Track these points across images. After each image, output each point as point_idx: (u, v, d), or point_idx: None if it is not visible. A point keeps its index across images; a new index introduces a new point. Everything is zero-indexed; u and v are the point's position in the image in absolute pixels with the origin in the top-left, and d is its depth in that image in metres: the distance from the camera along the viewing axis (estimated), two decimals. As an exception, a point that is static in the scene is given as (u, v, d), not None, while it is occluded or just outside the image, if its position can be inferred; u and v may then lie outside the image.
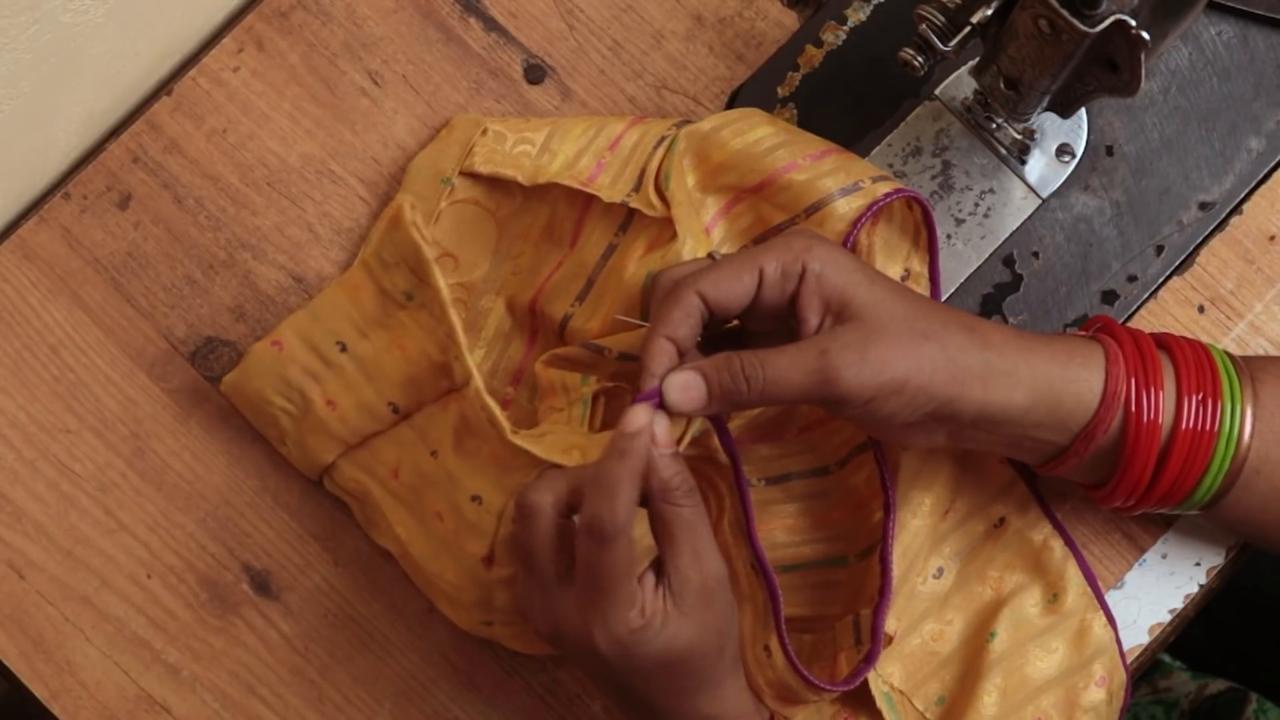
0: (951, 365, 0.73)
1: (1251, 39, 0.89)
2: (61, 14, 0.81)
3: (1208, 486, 0.76)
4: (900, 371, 0.72)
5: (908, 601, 0.83)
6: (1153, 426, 0.75)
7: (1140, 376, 0.75)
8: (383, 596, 0.87)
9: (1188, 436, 0.75)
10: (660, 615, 0.71)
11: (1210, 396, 0.76)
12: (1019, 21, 0.73)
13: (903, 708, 0.84)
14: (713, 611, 0.72)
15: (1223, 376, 0.77)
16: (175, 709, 0.86)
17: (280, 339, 0.85)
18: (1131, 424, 0.75)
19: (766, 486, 0.85)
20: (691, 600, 0.71)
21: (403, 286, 0.84)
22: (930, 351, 0.72)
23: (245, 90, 0.90)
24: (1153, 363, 0.76)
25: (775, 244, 0.73)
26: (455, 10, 0.91)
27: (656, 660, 0.71)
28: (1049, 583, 0.84)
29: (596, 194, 0.83)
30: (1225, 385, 0.76)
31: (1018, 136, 0.87)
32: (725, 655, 0.74)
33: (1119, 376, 0.75)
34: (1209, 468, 0.76)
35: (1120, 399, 0.75)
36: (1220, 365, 0.77)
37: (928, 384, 0.73)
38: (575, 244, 0.85)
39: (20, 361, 0.88)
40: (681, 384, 0.72)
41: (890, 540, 0.81)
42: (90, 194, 0.90)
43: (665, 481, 0.71)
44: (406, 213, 0.84)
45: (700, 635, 0.72)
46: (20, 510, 0.87)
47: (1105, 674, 0.84)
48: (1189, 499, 0.77)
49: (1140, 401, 0.75)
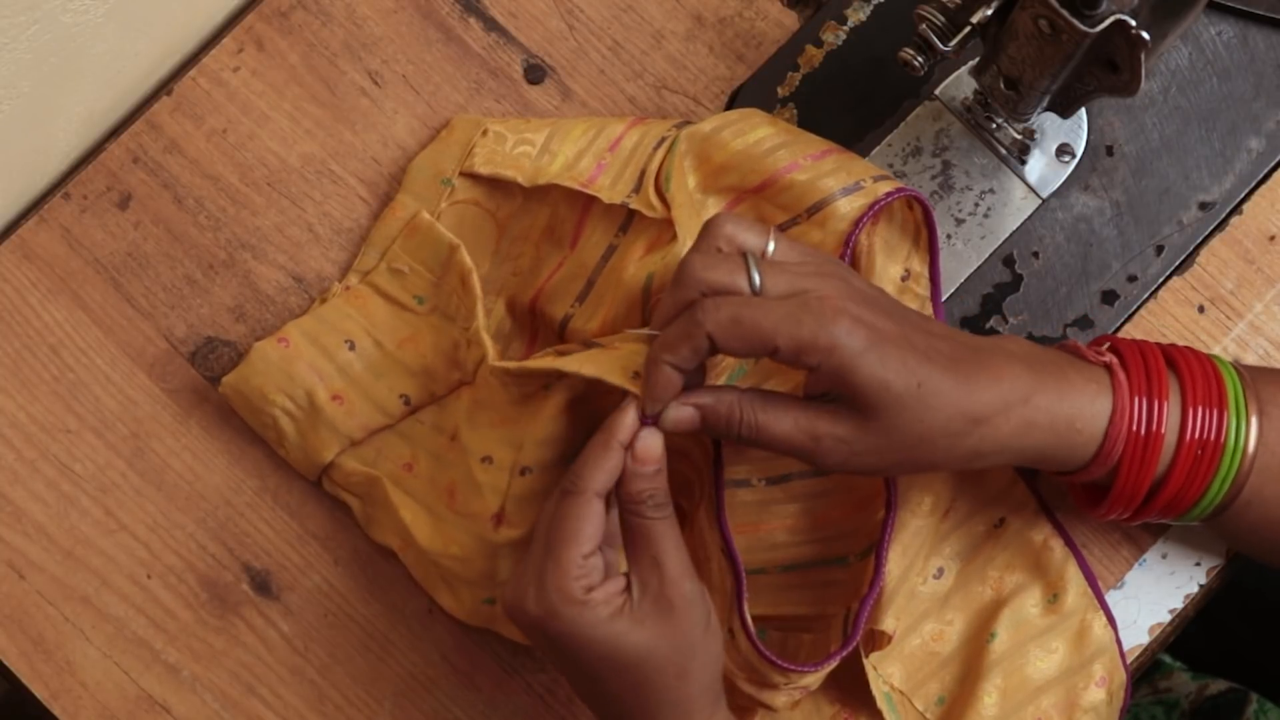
0: (940, 462, 0.74)
1: (1251, 39, 0.89)
2: (61, 14, 0.81)
3: (1211, 498, 0.76)
4: (883, 466, 0.73)
5: (908, 601, 0.83)
6: (1155, 438, 0.75)
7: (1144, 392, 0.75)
8: (383, 596, 0.87)
9: (1192, 448, 0.75)
10: (608, 608, 0.71)
11: (1216, 408, 0.75)
12: (1019, 21, 0.73)
13: (903, 708, 0.84)
14: (671, 625, 0.72)
15: (1229, 387, 0.76)
16: (175, 709, 0.86)
17: (286, 337, 0.85)
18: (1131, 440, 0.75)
19: (767, 486, 0.85)
20: (647, 608, 0.71)
21: (416, 291, 0.85)
22: (919, 452, 0.73)
23: (245, 90, 0.90)
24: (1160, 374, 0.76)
25: (803, 319, 0.70)
26: (455, 10, 0.91)
27: (600, 653, 0.71)
28: (1049, 583, 0.84)
29: (597, 195, 0.84)
30: (1231, 396, 0.76)
31: (1018, 136, 0.87)
32: (691, 681, 0.72)
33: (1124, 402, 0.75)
34: (1213, 480, 0.76)
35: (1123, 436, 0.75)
36: (1225, 376, 0.77)
37: (906, 472, 0.76)
38: (576, 245, 0.85)
39: (20, 361, 0.89)
40: (675, 418, 0.73)
41: (888, 536, 0.81)
42: (90, 194, 0.90)
43: (636, 494, 0.72)
44: (425, 215, 0.86)
45: (654, 646, 0.71)
46: (20, 510, 0.87)
47: (1105, 674, 0.84)
48: (1191, 511, 0.77)
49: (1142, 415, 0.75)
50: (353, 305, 0.87)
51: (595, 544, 0.72)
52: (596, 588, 0.71)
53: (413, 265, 0.86)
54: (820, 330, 0.69)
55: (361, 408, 0.85)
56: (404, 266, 0.86)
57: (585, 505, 0.72)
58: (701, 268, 0.71)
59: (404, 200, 0.88)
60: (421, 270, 0.86)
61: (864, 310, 0.71)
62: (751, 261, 0.71)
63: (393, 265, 0.87)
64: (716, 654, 0.74)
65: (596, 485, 0.72)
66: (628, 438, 0.72)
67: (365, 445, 0.86)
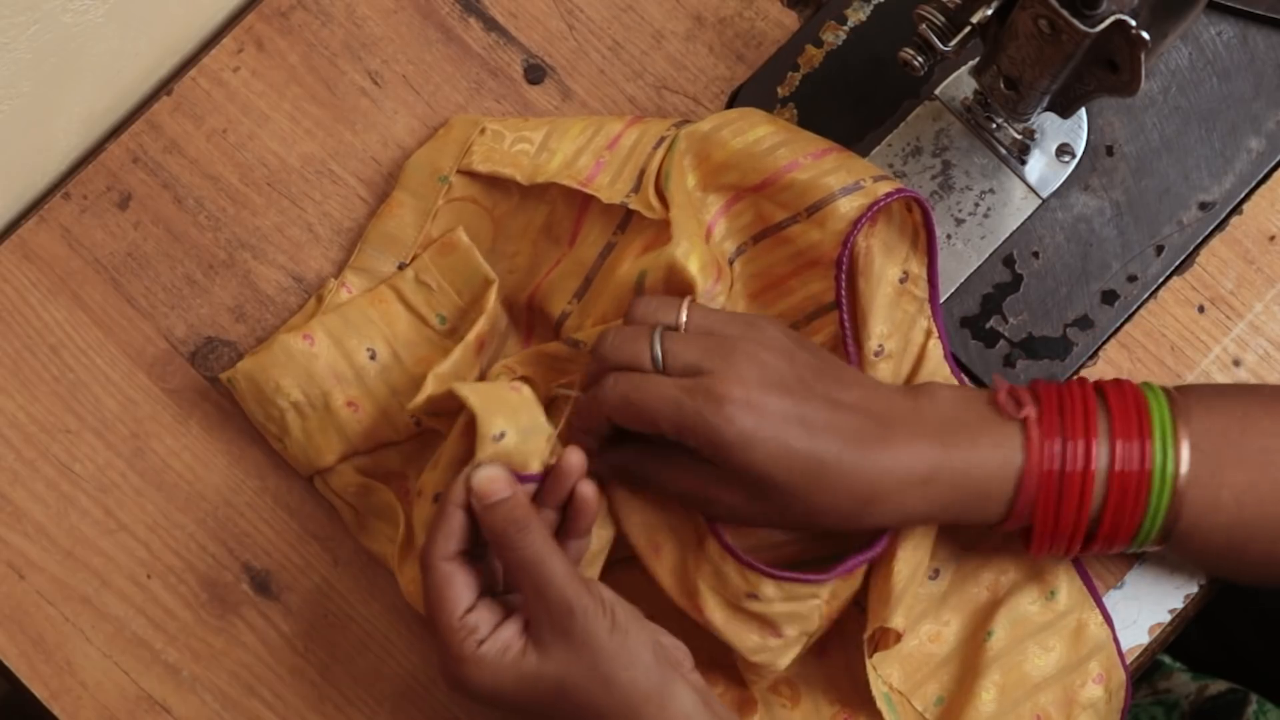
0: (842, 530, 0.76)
1: (1251, 39, 0.89)
2: (61, 14, 0.81)
3: (1148, 529, 0.77)
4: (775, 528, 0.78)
5: (911, 602, 0.83)
6: (1085, 476, 0.75)
7: (1060, 434, 0.76)
8: (383, 596, 0.87)
9: (1118, 480, 0.75)
10: (507, 654, 0.72)
11: (1139, 438, 0.76)
12: (1019, 21, 0.73)
13: (902, 708, 0.84)
14: (574, 644, 0.72)
15: (1152, 413, 0.76)
16: (175, 709, 0.86)
17: (311, 334, 0.85)
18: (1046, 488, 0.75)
19: None
20: (546, 636, 0.72)
21: (439, 309, 0.85)
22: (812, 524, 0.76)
23: (245, 90, 0.90)
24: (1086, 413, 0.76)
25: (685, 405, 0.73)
26: (455, 10, 0.91)
27: (522, 698, 0.72)
28: (1044, 581, 0.84)
29: (595, 194, 0.84)
30: (1155, 421, 0.76)
31: (1018, 136, 0.87)
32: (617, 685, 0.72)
33: (1035, 451, 0.75)
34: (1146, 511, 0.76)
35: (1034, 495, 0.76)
36: (1150, 403, 0.77)
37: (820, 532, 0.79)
38: (574, 242, 0.85)
39: (20, 361, 0.89)
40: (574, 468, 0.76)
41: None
42: (90, 194, 0.90)
43: (493, 528, 0.73)
44: (464, 237, 0.86)
45: (566, 670, 0.72)
46: (20, 510, 0.87)
47: (1102, 671, 0.84)
48: (1132, 542, 0.78)
49: (1059, 460, 0.75)
50: (376, 309, 0.86)
51: (468, 603, 0.73)
52: (486, 639, 0.73)
53: (441, 283, 0.86)
54: (699, 419, 0.73)
55: (375, 420, 0.85)
56: (432, 282, 0.86)
57: (438, 575, 0.73)
58: (612, 343, 0.76)
59: (400, 197, 0.88)
60: (449, 291, 0.86)
61: (756, 393, 0.73)
62: (656, 336, 0.75)
63: (421, 277, 0.86)
64: (637, 647, 0.73)
65: (443, 552, 0.74)
66: (461, 498, 0.74)
67: (367, 458, 0.86)
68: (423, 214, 0.87)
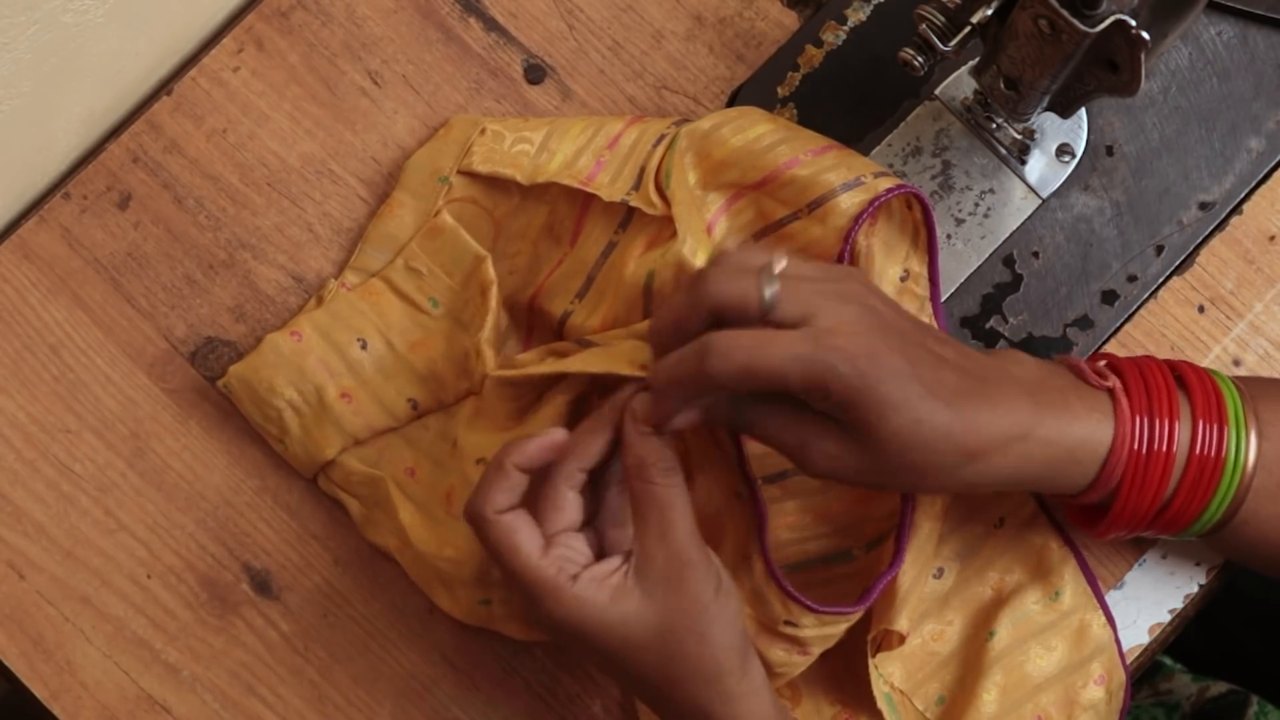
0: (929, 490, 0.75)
1: (1251, 39, 0.89)
2: (61, 14, 0.81)
3: (1210, 516, 0.76)
4: (867, 483, 0.74)
5: (916, 603, 0.83)
6: (1166, 457, 0.75)
7: (1146, 411, 0.75)
8: (383, 596, 0.87)
9: (1195, 466, 0.75)
10: (605, 591, 0.71)
11: (1218, 423, 0.75)
12: (1019, 21, 0.73)
13: (903, 708, 0.84)
14: (682, 592, 0.71)
15: (1228, 401, 0.76)
16: (175, 709, 0.86)
17: (299, 330, 0.85)
18: (1133, 463, 0.75)
19: (764, 485, 0.85)
20: (655, 577, 0.71)
21: (431, 293, 0.85)
22: (907, 480, 0.73)
23: (245, 90, 0.90)
24: (1169, 392, 0.76)
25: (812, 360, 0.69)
26: (455, 10, 0.91)
27: (615, 640, 0.71)
28: (1049, 582, 0.84)
29: (596, 193, 0.84)
30: (1231, 410, 0.76)
31: (1018, 136, 0.87)
32: (713, 643, 0.72)
33: (1125, 427, 0.74)
34: (1213, 498, 0.75)
35: (1128, 446, 0.75)
36: (1225, 391, 0.77)
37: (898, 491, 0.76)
38: (575, 242, 0.85)
39: (20, 361, 0.89)
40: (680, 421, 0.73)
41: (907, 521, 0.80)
42: (90, 194, 0.90)
43: (641, 458, 0.71)
44: (448, 219, 0.86)
45: (667, 616, 0.71)
46: (20, 510, 0.87)
47: (1104, 673, 0.84)
48: (1190, 528, 0.77)
49: (1146, 438, 0.74)
50: (367, 301, 0.87)
51: (541, 541, 0.72)
52: (582, 572, 0.71)
53: (431, 267, 0.87)
54: (828, 372, 0.69)
55: (369, 408, 0.85)
56: (422, 267, 0.87)
57: (499, 526, 0.71)
58: (714, 281, 0.71)
59: (400, 198, 0.88)
60: (440, 274, 0.86)
61: (874, 340, 0.70)
62: (765, 277, 0.71)
63: (411, 264, 0.87)
64: (734, 614, 0.73)
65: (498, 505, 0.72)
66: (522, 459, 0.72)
67: (368, 446, 0.86)
68: (423, 214, 0.87)
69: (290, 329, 0.86)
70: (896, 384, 0.70)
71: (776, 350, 0.69)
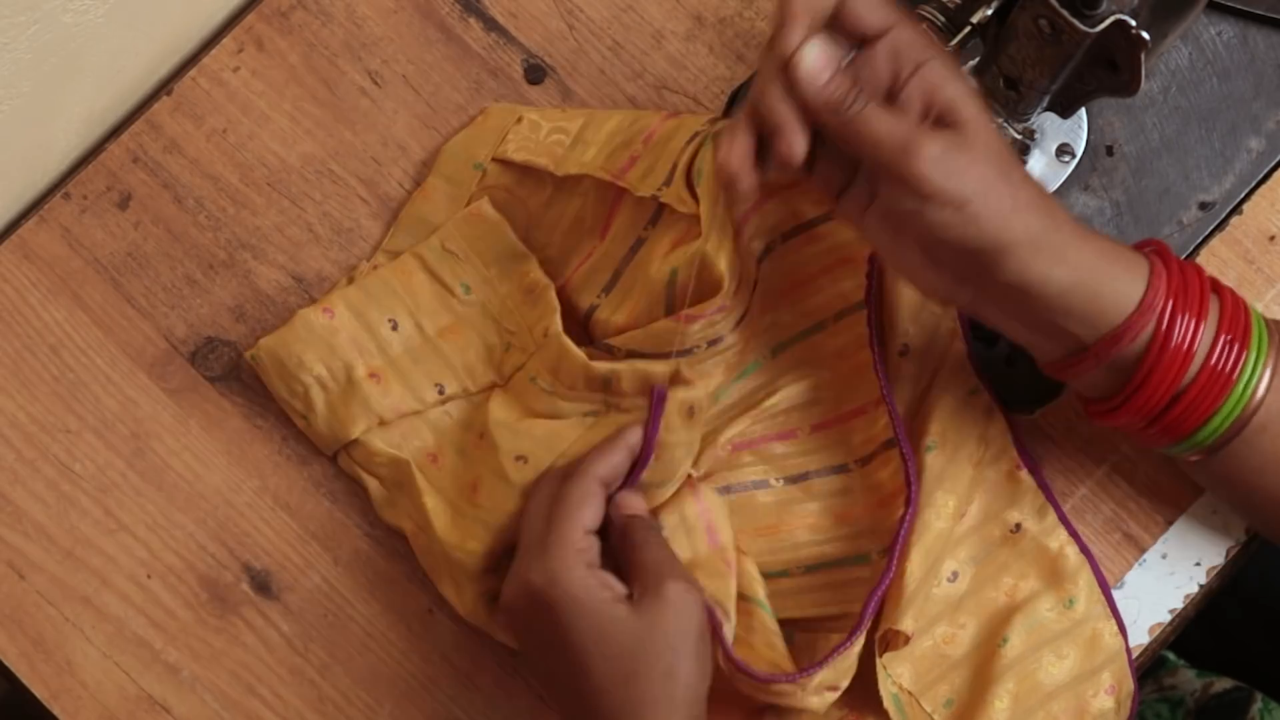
0: (1012, 213, 0.72)
1: (1251, 39, 0.89)
2: (61, 14, 0.81)
3: (1214, 428, 0.76)
4: (969, 189, 0.71)
5: (924, 604, 0.83)
6: (1186, 353, 0.75)
7: (1181, 300, 0.75)
8: (383, 596, 0.87)
9: (1208, 373, 0.75)
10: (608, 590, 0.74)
11: (1239, 342, 0.75)
12: (1019, 21, 0.73)
13: (911, 709, 0.83)
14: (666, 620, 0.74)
15: (1254, 328, 0.76)
16: (175, 709, 0.86)
17: (331, 307, 0.85)
18: (1160, 342, 0.74)
19: (785, 485, 0.85)
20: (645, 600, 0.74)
21: (464, 278, 0.85)
22: (1001, 189, 0.72)
23: (245, 90, 0.90)
24: (1202, 293, 0.76)
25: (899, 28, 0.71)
26: (455, 10, 0.91)
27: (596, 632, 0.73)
28: (1063, 589, 0.84)
29: (628, 187, 0.84)
30: (1255, 336, 0.76)
31: (1018, 136, 0.87)
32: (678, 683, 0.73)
33: (1159, 290, 0.74)
34: (1219, 409, 0.76)
35: (1155, 312, 0.74)
36: (1254, 318, 0.77)
37: (984, 214, 0.72)
38: (605, 235, 0.85)
39: (20, 361, 0.89)
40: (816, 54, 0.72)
41: (903, 534, 0.80)
42: (90, 194, 0.90)
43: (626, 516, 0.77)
44: (491, 209, 0.87)
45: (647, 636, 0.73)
46: (20, 510, 0.87)
47: (1114, 682, 0.84)
48: (1191, 438, 0.77)
49: (1174, 324, 0.74)
50: (399, 280, 0.87)
51: (595, 524, 0.76)
52: (596, 567, 0.75)
53: (467, 252, 0.87)
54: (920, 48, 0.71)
55: (396, 390, 0.85)
56: (458, 250, 0.86)
57: (586, 488, 0.76)
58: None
59: (435, 183, 0.88)
60: (476, 261, 0.86)
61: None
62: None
63: (447, 245, 0.87)
64: (704, 670, 0.75)
65: (601, 475, 0.76)
66: (637, 441, 0.78)
67: (391, 428, 0.86)
68: (457, 200, 0.88)
69: (323, 305, 0.86)
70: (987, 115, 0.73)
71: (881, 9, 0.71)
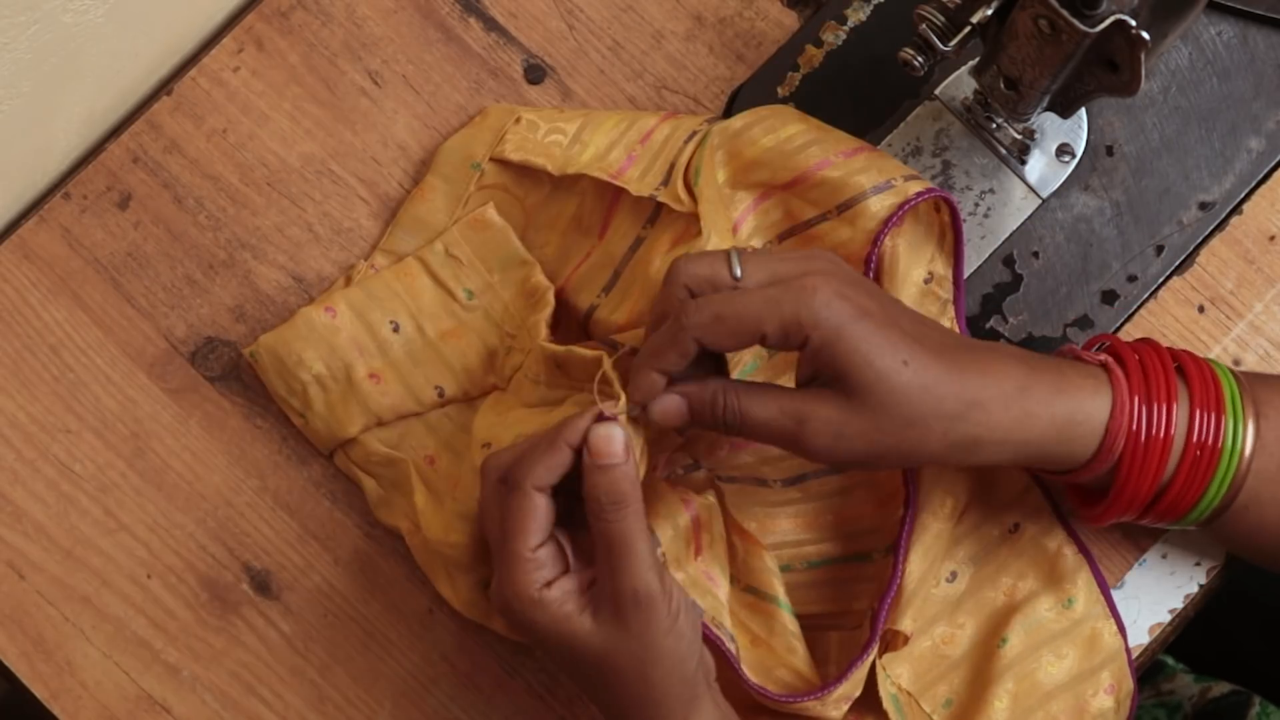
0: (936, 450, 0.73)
1: (1251, 39, 0.89)
2: (61, 14, 0.81)
3: (1209, 502, 0.76)
4: (875, 453, 0.72)
5: (922, 604, 0.83)
6: (1164, 442, 0.75)
7: (1145, 395, 0.75)
8: (383, 596, 0.87)
9: (1193, 451, 0.75)
10: (565, 605, 0.72)
11: (1215, 411, 0.75)
12: (1019, 21, 0.73)
13: (910, 709, 0.83)
14: (626, 629, 0.71)
15: (1225, 389, 0.76)
16: (175, 709, 0.86)
17: (333, 306, 0.86)
18: (1133, 440, 0.75)
19: (783, 487, 0.85)
20: (608, 611, 0.72)
21: (467, 284, 0.86)
22: (912, 437, 0.72)
23: (245, 90, 0.90)
24: (1167, 376, 0.76)
25: (782, 299, 0.71)
26: (455, 10, 0.91)
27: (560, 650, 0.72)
28: (1062, 589, 0.84)
29: (625, 187, 0.84)
30: (1229, 398, 0.76)
31: (1018, 136, 0.87)
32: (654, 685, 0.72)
33: (1124, 405, 0.74)
34: (1210, 483, 0.75)
35: (1124, 433, 0.74)
36: (1222, 379, 0.77)
37: (902, 461, 0.73)
38: (604, 235, 0.86)
39: (20, 361, 0.89)
40: (662, 409, 0.73)
41: (905, 536, 0.81)
42: (90, 194, 0.90)
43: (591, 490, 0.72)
44: (496, 215, 0.86)
45: (610, 648, 0.72)
46: (20, 510, 0.87)
47: (1114, 682, 0.84)
48: (1189, 515, 0.77)
49: (1143, 415, 0.74)
50: (401, 282, 0.87)
51: (542, 537, 0.72)
52: (553, 583, 0.72)
53: (472, 258, 0.87)
54: (801, 307, 0.70)
55: (396, 390, 0.86)
56: (462, 256, 0.87)
57: (525, 499, 0.72)
58: (687, 262, 0.73)
59: (433, 182, 0.88)
60: (480, 267, 0.87)
61: (847, 288, 0.71)
62: (733, 254, 0.73)
63: (451, 251, 0.87)
64: (684, 654, 0.73)
65: (535, 480, 0.72)
66: (575, 438, 0.72)
67: (389, 428, 0.86)
68: (455, 200, 0.88)
69: (324, 304, 0.86)
70: (875, 324, 0.71)
71: (750, 298, 0.71)
